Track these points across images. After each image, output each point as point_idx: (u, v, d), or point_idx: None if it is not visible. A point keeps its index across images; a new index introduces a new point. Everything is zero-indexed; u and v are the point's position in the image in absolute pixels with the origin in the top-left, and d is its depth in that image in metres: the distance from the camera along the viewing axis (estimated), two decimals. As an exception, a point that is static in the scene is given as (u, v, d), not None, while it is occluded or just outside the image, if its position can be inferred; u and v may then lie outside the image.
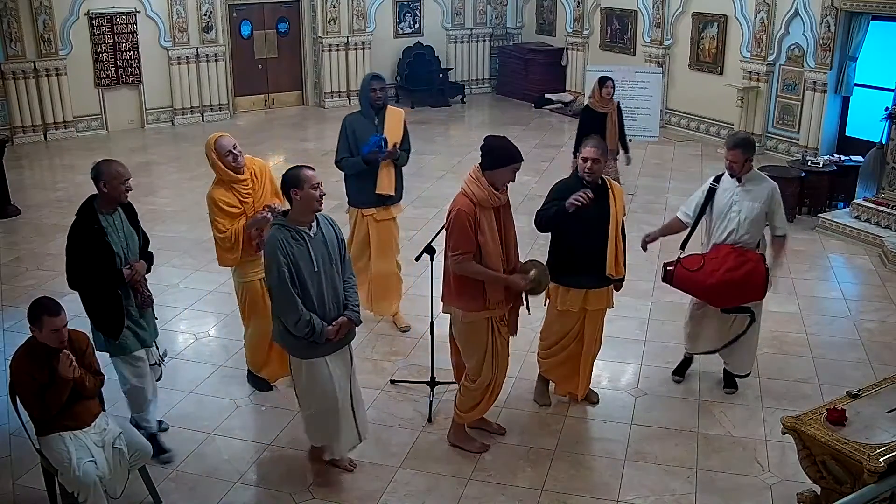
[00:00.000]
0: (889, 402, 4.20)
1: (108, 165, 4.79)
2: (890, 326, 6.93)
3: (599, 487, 4.92)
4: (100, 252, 4.73)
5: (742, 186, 5.49)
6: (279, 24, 15.06)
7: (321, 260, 4.46)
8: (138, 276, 4.90)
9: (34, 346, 4.28)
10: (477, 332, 4.91)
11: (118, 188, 4.76)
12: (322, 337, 4.46)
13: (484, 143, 4.78)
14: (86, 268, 4.73)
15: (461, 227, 4.68)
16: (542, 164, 11.60)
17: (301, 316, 4.38)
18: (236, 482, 4.96)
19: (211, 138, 5.34)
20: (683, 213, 5.77)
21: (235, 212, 5.29)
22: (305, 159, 11.99)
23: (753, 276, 5.40)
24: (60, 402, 4.25)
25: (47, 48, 12.75)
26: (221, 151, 5.24)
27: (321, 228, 4.53)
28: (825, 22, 11.01)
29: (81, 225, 4.77)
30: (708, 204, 5.60)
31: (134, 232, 4.97)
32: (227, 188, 5.30)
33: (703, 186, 5.68)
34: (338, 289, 4.59)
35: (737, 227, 5.47)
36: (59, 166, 12.02)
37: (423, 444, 5.32)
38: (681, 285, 5.61)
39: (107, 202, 4.81)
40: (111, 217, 4.83)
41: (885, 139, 9.12)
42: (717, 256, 5.44)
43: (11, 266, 8.17)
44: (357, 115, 6.39)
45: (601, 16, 14.95)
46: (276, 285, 4.37)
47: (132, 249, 4.92)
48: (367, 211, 6.48)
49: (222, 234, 5.27)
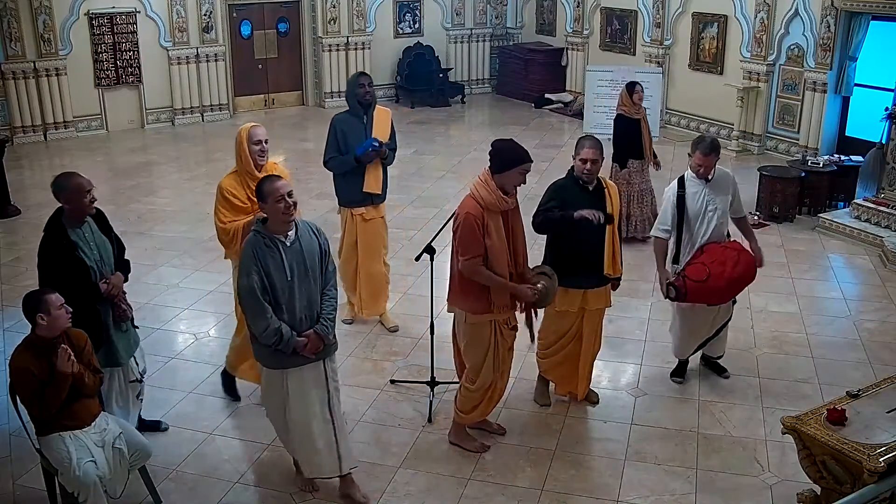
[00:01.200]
0: (889, 402, 4.21)
1: (67, 179, 4.63)
2: (890, 326, 6.93)
3: (599, 487, 4.92)
4: (72, 268, 4.58)
5: (708, 185, 5.58)
6: (279, 24, 15.06)
7: (295, 270, 4.36)
8: (116, 291, 4.76)
9: (32, 342, 4.28)
10: (480, 334, 4.91)
11: (80, 202, 4.62)
12: (289, 347, 4.33)
13: (491, 146, 4.77)
14: (59, 285, 4.48)
15: (469, 230, 4.67)
16: (542, 164, 11.58)
17: (269, 324, 4.28)
18: (236, 482, 4.96)
19: (247, 125, 5.34)
20: (662, 231, 5.71)
21: (241, 206, 5.24)
22: (305, 159, 12.03)
23: (749, 265, 5.60)
24: (60, 398, 4.24)
25: (47, 48, 12.75)
26: (252, 139, 5.23)
27: (299, 238, 4.42)
28: (825, 22, 11.01)
29: (50, 241, 4.61)
30: (681, 212, 5.59)
31: (106, 240, 4.83)
32: (240, 181, 5.26)
33: (670, 198, 5.63)
34: (313, 300, 4.45)
35: (716, 224, 5.58)
36: (59, 166, 11.99)
37: (423, 444, 5.32)
38: (696, 298, 5.57)
39: (73, 216, 4.66)
40: (80, 230, 4.68)
41: (885, 139, 9.12)
42: (715, 259, 5.48)
43: (11, 266, 8.17)
44: (345, 114, 6.43)
45: (601, 16, 14.95)
46: (246, 291, 4.29)
47: (107, 259, 4.79)
48: (357, 210, 6.51)
49: (222, 226, 5.23)
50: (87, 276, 4.63)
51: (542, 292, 4.93)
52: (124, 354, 4.89)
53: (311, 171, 11.52)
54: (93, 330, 4.63)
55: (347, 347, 6.43)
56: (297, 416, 4.53)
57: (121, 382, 4.93)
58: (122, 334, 4.87)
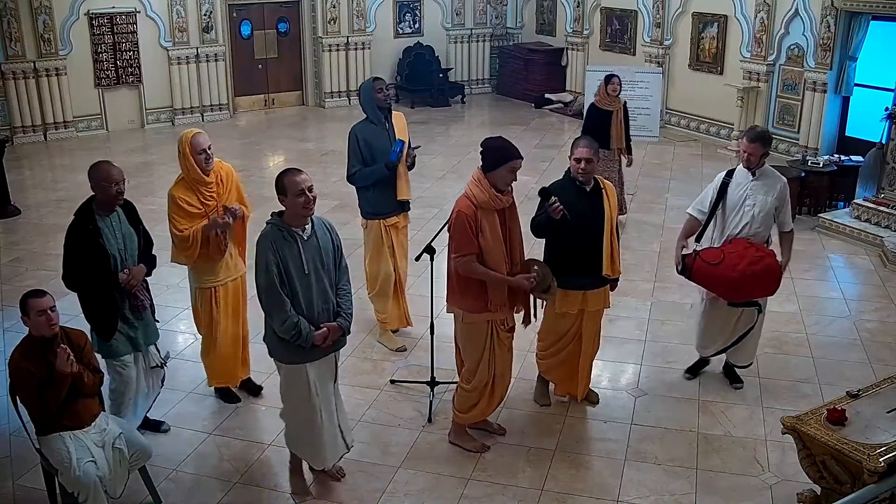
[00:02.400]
0: (889, 402, 4.21)
1: (97, 167, 4.75)
2: (890, 326, 6.93)
3: (599, 487, 4.92)
4: (93, 253, 4.69)
5: (755, 180, 5.55)
6: (279, 24, 15.06)
7: (312, 264, 4.39)
8: (135, 282, 4.84)
9: (31, 341, 4.29)
10: (476, 334, 4.92)
11: (107, 190, 4.71)
12: (308, 341, 4.37)
13: (482, 144, 4.78)
14: (80, 269, 4.70)
15: (461, 228, 4.69)
16: (542, 164, 11.60)
17: (289, 317, 4.30)
18: (236, 482, 4.96)
19: (187, 133, 5.26)
20: (697, 211, 5.77)
21: (196, 212, 5.22)
22: (305, 160, 12.02)
23: (770, 271, 5.47)
24: (59, 398, 4.24)
25: (47, 48, 12.75)
26: (196, 149, 5.16)
27: (315, 232, 4.46)
28: (825, 22, 11.01)
29: (78, 225, 4.74)
30: (721, 198, 5.62)
31: (133, 232, 4.93)
32: (190, 188, 5.23)
33: (716, 181, 5.70)
34: (328, 294, 4.49)
35: (751, 220, 5.53)
36: (59, 166, 12.01)
37: (423, 444, 5.32)
38: (700, 279, 5.58)
39: (101, 203, 4.78)
40: (108, 218, 4.80)
41: (885, 139, 9.12)
42: (736, 250, 5.44)
43: (11, 266, 8.17)
44: (364, 123, 6.13)
45: (601, 16, 14.95)
46: (265, 284, 4.30)
47: (130, 250, 4.87)
48: (390, 220, 6.24)
49: (179, 233, 5.20)
50: (107, 264, 4.72)
51: (539, 276, 4.92)
52: (143, 342, 4.98)
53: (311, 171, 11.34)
54: (107, 317, 4.75)
55: (347, 347, 6.39)
56: (324, 407, 4.58)
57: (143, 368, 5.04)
58: (140, 322, 4.95)
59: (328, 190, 10.38)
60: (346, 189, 6.93)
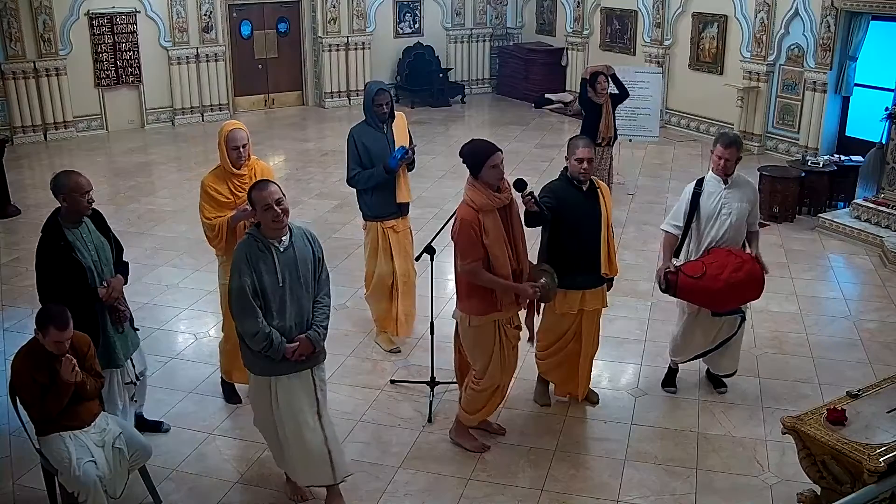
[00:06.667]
0: (889, 402, 4.20)
1: (66, 177, 4.58)
2: (890, 326, 6.93)
3: (599, 487, 4.92)
4: (68, 269, 4.52)
5: (728, 188, 5.48)
6: (279, 24, 15.05)
7: (287, 276, 4.32)
8: (116, 294, 4.72)
9: (36, 347, 4.26)
10: (483, 336, 4.93)
11: (78, 201, 4.57)
12: (278, 353, 4.29)
13: (459, 155, 4.84)
14: (56, 287, 4.48)
15: (466, 235, 4.72)
16: (542, 164, 11.60)
17: (260, 329, 4.24)
18: (236, 482, 4.96)
19: (226, 125, 5.32)
20: (672, 227, 5.65)
21: (225, 201, 5.26)
22: (305, 159, 12.04)
23: (754, 276, 5.42)
24: (61, 405, 4.23)
25: (47, 48, 12.74)
26: (230, 144, 5.22)
27: (294, 243, 4.37)
28: (825, 22, 11.01)
29: (47, 242, 4.56)
30: (694, 210, 5.54)
31: (105, 241, 4.79)
32: (222, 179, 5.29)
33: (686, 193, 5.60)
34: (303, 307, 4.39)
35: (728, 228, 5.46)
36: (59, 166, 11.87)
37: (423, 444, 5.32)
38: (685, 294, 5.51)
39: (70, 215, 4.61)
40: (77, 230, 4.63)
41: (885, 139, 9.12)
42: (717, 260, 5.40)
43: (11, 266, 8.17)
44: (363, 125, 6.10)
45: (601, 16, 14.95)
46: (237, 293, 4.25)
47: (105, 260, 4.74)
48: (388, 223, 6.21)
49: (208, 221, 5.26)
50: (84, 278, 4.59)
51: (544, 288, 4.96)
52: (122, 356, 4.86)
53: (311, 171, 11.54)
54: (89, 332, 4.59)
55: (347, 347, 6.45)
56: (287, 424, 4.47)
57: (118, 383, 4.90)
58: (119, 336, 4.84)
59: (328, 190, 10.38)
60: (346, 189, 6.93)
